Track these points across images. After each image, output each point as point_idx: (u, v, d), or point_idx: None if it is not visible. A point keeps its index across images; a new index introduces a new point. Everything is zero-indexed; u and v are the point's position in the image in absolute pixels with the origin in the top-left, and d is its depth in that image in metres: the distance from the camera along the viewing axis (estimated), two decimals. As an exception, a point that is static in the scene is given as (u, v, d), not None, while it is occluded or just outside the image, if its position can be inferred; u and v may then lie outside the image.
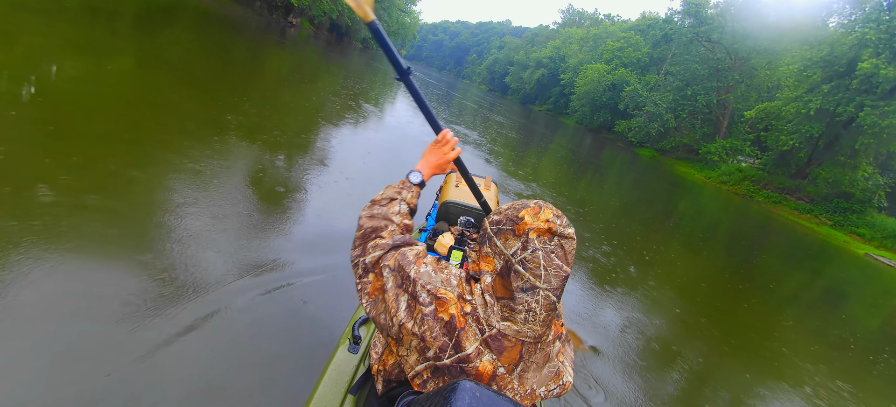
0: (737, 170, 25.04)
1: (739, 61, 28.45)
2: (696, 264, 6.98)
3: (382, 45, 1.13)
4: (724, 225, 13.11)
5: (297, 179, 4.08)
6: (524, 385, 0.88)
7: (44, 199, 2.39)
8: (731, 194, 22.26)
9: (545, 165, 12.17)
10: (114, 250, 2.26)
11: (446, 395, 0.65)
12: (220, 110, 5.30)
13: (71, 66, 4.80)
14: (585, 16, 67.04)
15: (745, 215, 16.69)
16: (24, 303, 1.78)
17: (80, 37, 6.30)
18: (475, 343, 0.84)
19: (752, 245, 10.89)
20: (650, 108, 31.67)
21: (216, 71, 7.76)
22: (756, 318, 5.26)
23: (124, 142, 3.48)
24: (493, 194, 2.57)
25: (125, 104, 4.38)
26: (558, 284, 0.83)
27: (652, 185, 16.90)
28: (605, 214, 8.32)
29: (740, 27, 27.92)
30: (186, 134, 4.14)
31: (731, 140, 27.64)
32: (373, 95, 12.68)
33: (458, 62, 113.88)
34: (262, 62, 11.51)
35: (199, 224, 2.71)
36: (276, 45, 16.73)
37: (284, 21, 29.39)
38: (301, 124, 6.20)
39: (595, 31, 52.96)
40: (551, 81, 55.17)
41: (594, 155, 20.81)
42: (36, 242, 2.08)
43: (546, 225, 0.82)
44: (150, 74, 5.81)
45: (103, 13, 8.67)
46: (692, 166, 28.04)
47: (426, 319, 0.85)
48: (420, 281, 0.88)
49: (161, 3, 14.30)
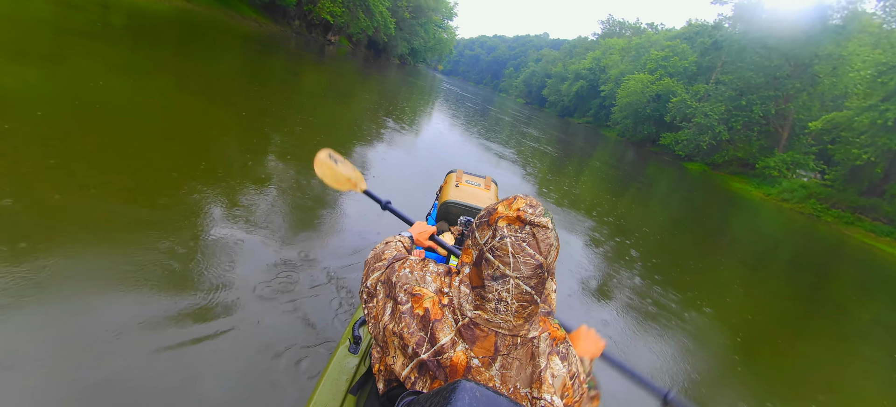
0: (800, 186, 22.82)
1: (800, 68, 26.23)
2: (756, 290, 6.18)
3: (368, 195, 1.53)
4: (787, 247, 11.81)
5: (309, 190, 4.07)
6: (507, 384, 0.86)
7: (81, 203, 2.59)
8: (794, 213, 20.31)
9: (585, 181, 11.53)
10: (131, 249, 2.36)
11: (446, 395, 0.65)
12: (257, 125, 5.49)
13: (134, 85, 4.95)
14: (626, 25, 65.07)
15: (811, 237, 15.05)
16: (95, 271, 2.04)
17: (129, 60, 6.38)
18: (450, 334, 0.86)
19: (820, 271, 9.68)
20: (700, 119, 29.69)
21: (255, 92, 7.64)
22: (823, 354, 4.52)
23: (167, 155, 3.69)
24: (494, 194, 2.62)
25: (165, 120, 4.65)
26: (530, 273, 0.81)
27: (704, 202, 15.73)
28: (650, 232, 7.59)
29: (800, 31, 25.83)
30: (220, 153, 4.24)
31: (793, 153, 25.36)
32: (408, 111, 12.37)
33: (494, 76, 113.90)
34: (302, 79, 11.49)
35: (200, 225, 2.80)
36: (315, 63, 16.92)
37: (323, 39, 30.12)
38: (337, 139, 6.27)
39: (637, 40, 51.15)
40: (591, 93, 53.69)
41: (638, 169, 19.70)
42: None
43: (516, 213, 0.83)
44: (190, 97, 5.92)
45: (146, 34, 8.86)
46: (748, 182, 25.96)
47: (403, 316, 0.89)
48: (399, 283, 0.93)
49: (202, 25, 14.78)
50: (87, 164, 3.01)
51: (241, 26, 19.17)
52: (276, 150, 4.88)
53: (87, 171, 2.90)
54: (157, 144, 3.85)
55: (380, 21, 33.17)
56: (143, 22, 10.58)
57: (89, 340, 1.73)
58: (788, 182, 23.88)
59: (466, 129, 13.97)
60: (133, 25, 9.69)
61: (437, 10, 51.06)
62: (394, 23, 37.01)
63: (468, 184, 2.62)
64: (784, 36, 26.31)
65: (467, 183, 2.62)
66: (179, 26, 12.56)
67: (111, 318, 1.86)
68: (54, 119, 3.52)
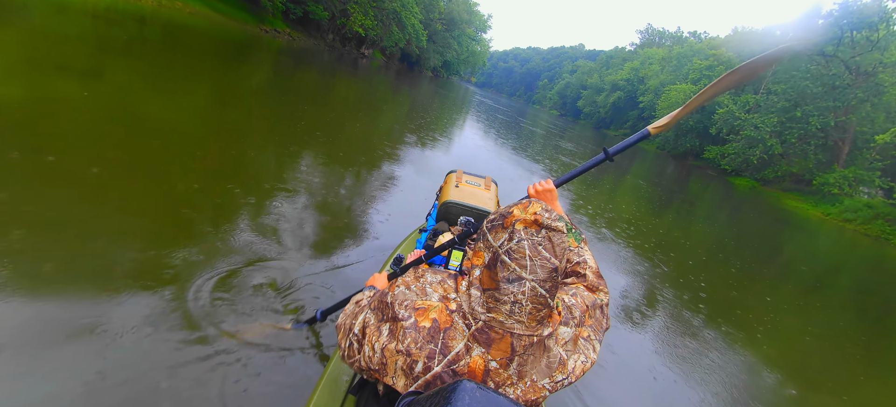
0: (866, 205, 20.78)
1: (862, 77, 24.15)
2: (815, 321, 5.58)
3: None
4: (850, 273, 10.59)
5: (318, 193, 4.11)
6: (524, 379, 0.85)
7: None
8: (858, 235, 18.50)
9: (621, 196, 10.84)
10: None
11: (446, 395, 0.65)
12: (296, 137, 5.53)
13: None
14: (666, 35, 62.92)
15: (879, 264, 13.49)
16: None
17: (165, 75, 6.37)
18: (462, 340, 0.85)
19: (891, 301, 8.53)
20: (749, 131, 27.79)
21: (292, 108, 7.52)
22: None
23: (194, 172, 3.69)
24: (494, 194, 2.60)
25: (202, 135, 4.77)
26: (545, 276, 0.81)
27: (754, 221, 14.52)
28: (694, 253, 7.04)
29: (862, 37, 23.81)
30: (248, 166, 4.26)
31: (855, 169, 23.20)
32: (441, 125, 12.04)
33: (528, 88, 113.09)
34: (336, 93, 11.43)
35: (200, 228, 2.80)
36: (348, 75, 16.99)
37: (357, 52, 30.57)
38: (365, 152, 6.22)
39: (678, 49, 49.19)
40: (628, 104, 52.00)
41: (680, 184, 18.58)
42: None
43: (533, 217, 0.83)
44: (228, 113, 5.97)
45: (183, 46, 8.98)
46: (804, 200, 24.00)
47: (408, 332, 0.87)
48: (397, 301, 0.92)
49: (236, 39, 15.12)
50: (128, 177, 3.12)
51: (274, 40, 19.61)
52: (297, 158, 4.93)
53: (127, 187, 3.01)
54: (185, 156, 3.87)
55: (412, 34, 33.39)
56: (181, 34, 10.83)
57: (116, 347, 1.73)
58: (851, 200, 21.82)
59: (498, 143, 13.50)
60: (170, 38, 9.89)
61: (471, 22, 51.12)
62: (426, 35, 37.19)
63: (468, 184, 2.60)
64: (844, 42, 24.36)
65: (467, 183, 2.61)
66: (215, 42, 12.84)
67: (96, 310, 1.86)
68: (92, 135, 3.58)
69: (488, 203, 2.45)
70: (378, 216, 4.01)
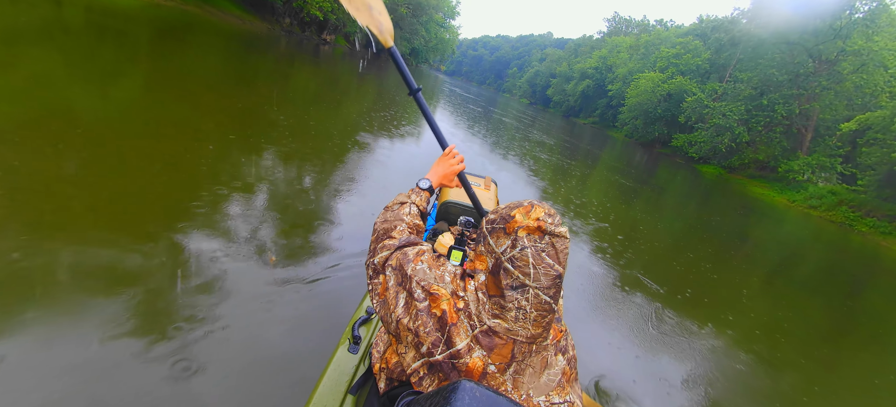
0: (829, 192, 21.08)
1: (824, 65, 24.53)
2: (785, 304, 5.70)
3: (398, 66, 1.37)
4: (815, 259, 10.54)
5: (302, 190, 4.04)
6: (519, 389, 0.85)
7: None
8: (823, 222, 18.70)
9: (592, 185, 10.46)
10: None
11: (446, 395, 0.65)
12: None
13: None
14: (633, 23, 63.29)
15: (844, 249, 13.49)
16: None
17: (91, 64, 4.98)
18: (466, 339, 0.84)
19: (856, 285, 8.66)
20: (718, 119, 27.92)
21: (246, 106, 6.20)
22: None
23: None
24: (493, 194, 2.71)
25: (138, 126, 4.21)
26: (549, 283, 0.80)
27: (723, 208, 14.44)
28: (662, 241, 7.05)
29: (825, 25, 24.11)
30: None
31: (818, 156, 23.61)
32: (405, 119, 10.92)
33: (498, 76, 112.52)
34: (292, 82, 10.06)
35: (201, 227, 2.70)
36: (311, 64, 15.49)
37: (317, 38, 28.72)
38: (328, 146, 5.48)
39: (646, 38, 49.47)
40: (597, 93, 52.05)
41: (649, 172, 18.27)
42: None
43: (536, 223, 0.81)
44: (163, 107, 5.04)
45: (109, 33, 7.44)
46: (770, 187, 24.27)
47: (420, 314, 0.87)
48: (415, 277, 0.90)
49: (176, 21, 13.37)
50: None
51: (222, 23, 17.75)
52: (263, 150, 4.64)
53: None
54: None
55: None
56: (106, 20, 9.18)
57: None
58: (816, 187, 22.17)
59: (468, 133, 12.52)
60: (94, 22, 8.31)
61: (439, 8, 49.56)
62: (391, 20, 35.57)
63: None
64: (807, 30, 24.64)
65: None
66: (148, 25, 11.16)
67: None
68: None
69: (488, 203, 2.45)
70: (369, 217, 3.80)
